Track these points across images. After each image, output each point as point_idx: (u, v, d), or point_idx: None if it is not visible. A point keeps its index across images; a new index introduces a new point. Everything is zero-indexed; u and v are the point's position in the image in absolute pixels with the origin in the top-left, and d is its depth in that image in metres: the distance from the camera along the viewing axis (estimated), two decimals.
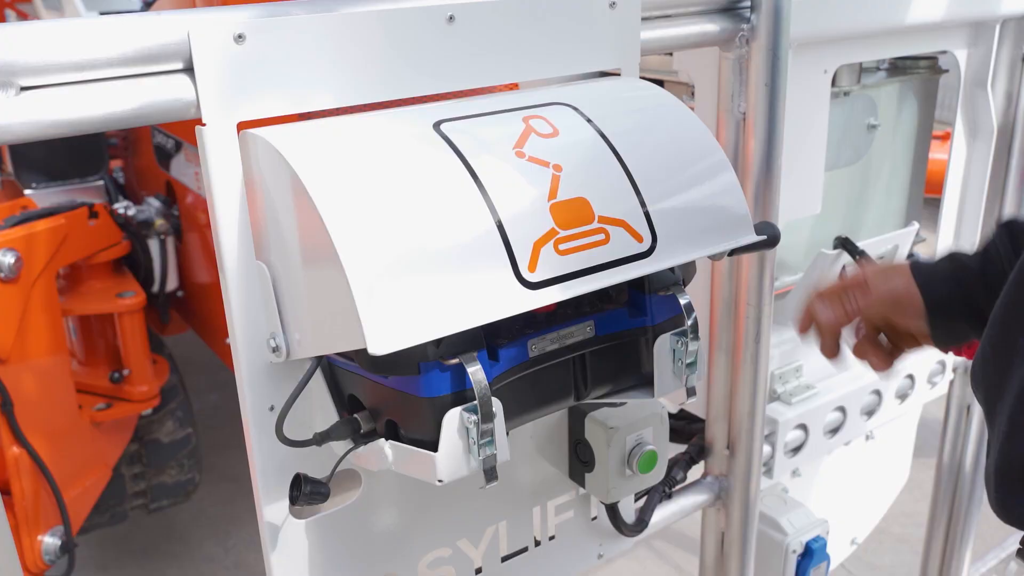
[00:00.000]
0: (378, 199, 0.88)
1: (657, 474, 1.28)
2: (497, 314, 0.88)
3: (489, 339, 0.98)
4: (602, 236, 0.96)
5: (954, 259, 1.15)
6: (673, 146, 1.07)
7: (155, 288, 2.85)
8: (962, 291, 1.11)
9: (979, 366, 1.01)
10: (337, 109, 1.00)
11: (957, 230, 2.00)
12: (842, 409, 1.84)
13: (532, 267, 0.91)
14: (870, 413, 1.90)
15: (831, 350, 1.22)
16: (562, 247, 0.93)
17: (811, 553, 1.73)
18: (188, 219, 2.79)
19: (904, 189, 2.02)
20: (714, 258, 1.07)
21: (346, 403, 1.04)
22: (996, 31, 1.78)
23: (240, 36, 0.90)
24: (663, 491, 1.55)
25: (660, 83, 1.65)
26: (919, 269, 1.15)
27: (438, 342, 0.90)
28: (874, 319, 1.17)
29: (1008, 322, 0.96)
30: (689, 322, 1.05)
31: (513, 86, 1.19)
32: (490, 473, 0.94)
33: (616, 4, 1.17)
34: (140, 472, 2.85)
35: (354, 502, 1.15)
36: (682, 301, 1.05)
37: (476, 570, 1.30)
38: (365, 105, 1.02)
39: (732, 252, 1.09)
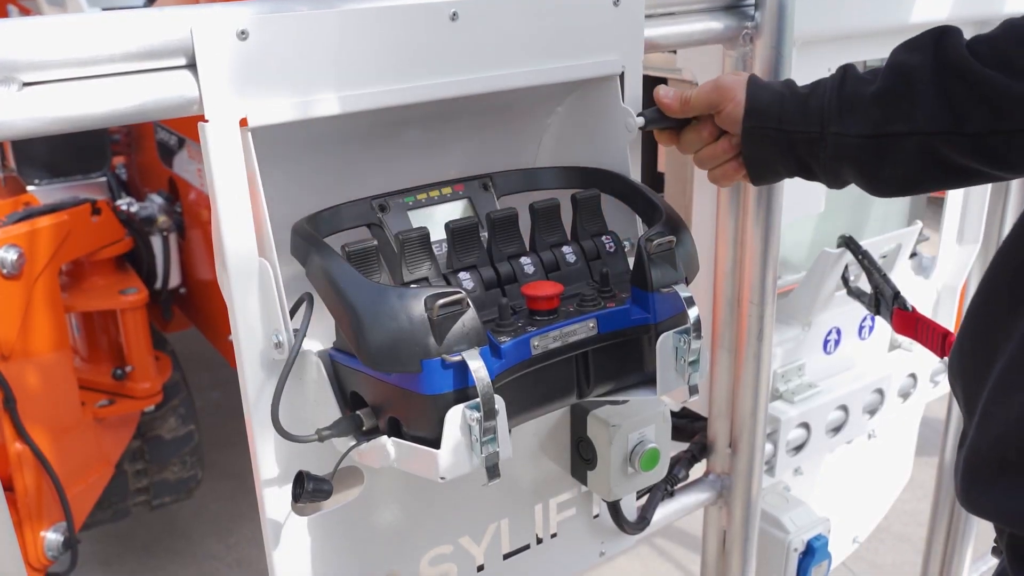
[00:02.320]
0: None
1: (659, 472, 1.28)
2: None
3: (492, 336, 0.98)
4: None
5: (789, 82, 1.17)
6: None
7: (158, 285, 2.85)
8: (779, 110, 1.12)
9: (956, 359, 1.01)
10: None
11: (960, 229, 1.99)
12: (844, 408, 1.83)
13: None
14: (872, 412, 1.90)
15: (667, 137, 1.24)
16: None
17: (813, 551, 1.73)
18: (191, 216, 2.79)
19: None
20: None
21: (348, 400, 1.04)
22: None
23: (243, 32, 0.90)
24: (665, 489, 1.55)
25: (664, 81, 1.66)
26: (755, 78, 1.16)
27: (440, 339, 0.90)
28: (699, 107, 1.18)
29: (985, 317, 0.96)
30: (691, 320, 1.05)
31: None
32: (492, 470, 0.94)
33: (620, 1, 1.17)
34: (142, 469, 2.85)
35: (356, 499, 1.15)
36: (684, 299, 1.05)
37: (478, 567, 1.30)
38: None
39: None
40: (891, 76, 1.05)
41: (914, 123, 1.02)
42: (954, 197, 1.97)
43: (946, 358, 2.01)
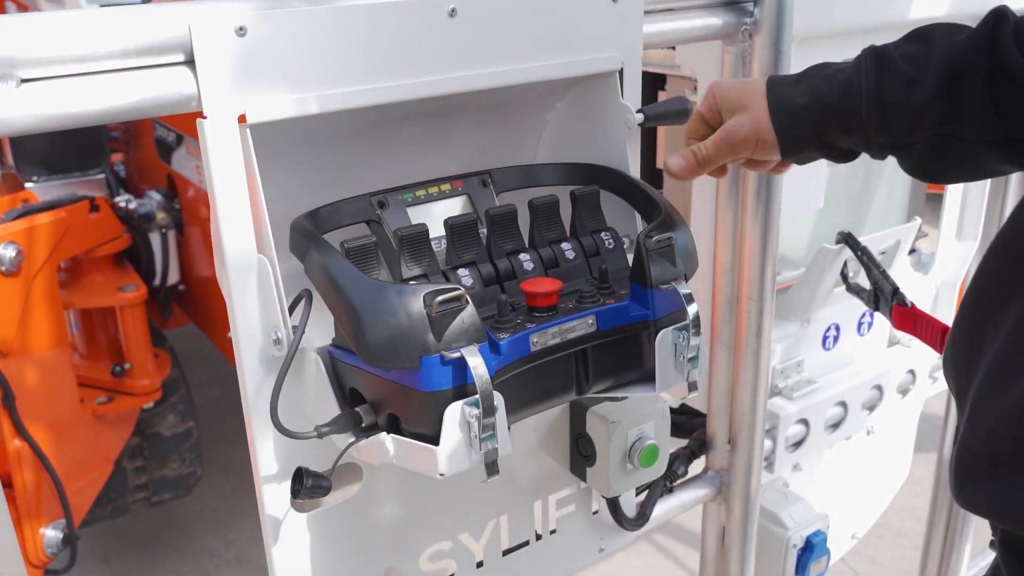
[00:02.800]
0: None
1: (658, 468, 1.28)
2: None
3: (491, 333, 0.98)
4: None
5: (813, 89, 1.09)
6: None
7: (156, 282, 2.85)
8: (816, 127, 1.09)
9: (950, 353, 1.00)
10: None
11: (959, 225, 1.99)
12: (843, 404, 1.83)
13: None
14: (871, 408, 1.90)
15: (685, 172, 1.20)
16: None
17: (811, 547, 1.73)
18: (189, 213, 2.79)
19: (906, 184, 2.02)
20: None
21: (348, 397, 1.04)
22: None
23: (241, 28, 0.90)
24: (664, 485, 1.55)
25: (663, 77, 1.66)
26: (776, 104, 1.10)
27: (439, 335, 0.90)
28: (721, 160, 1.15)
29: (976, 312, 0.96)
30: (690, 317, 1.05)
31: None
32: (491, 467, 0.94)
33: None
34: (141, 465, 2.85)
35: (355, 496, 1.15)
36: (683, 295, 1.05)
37: (477, 564, 1.30)
38: None
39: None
40: (941, 81, 1.00)
41: (965, 129, 1.00)
42: (953, 194, 1.97)
43: None
